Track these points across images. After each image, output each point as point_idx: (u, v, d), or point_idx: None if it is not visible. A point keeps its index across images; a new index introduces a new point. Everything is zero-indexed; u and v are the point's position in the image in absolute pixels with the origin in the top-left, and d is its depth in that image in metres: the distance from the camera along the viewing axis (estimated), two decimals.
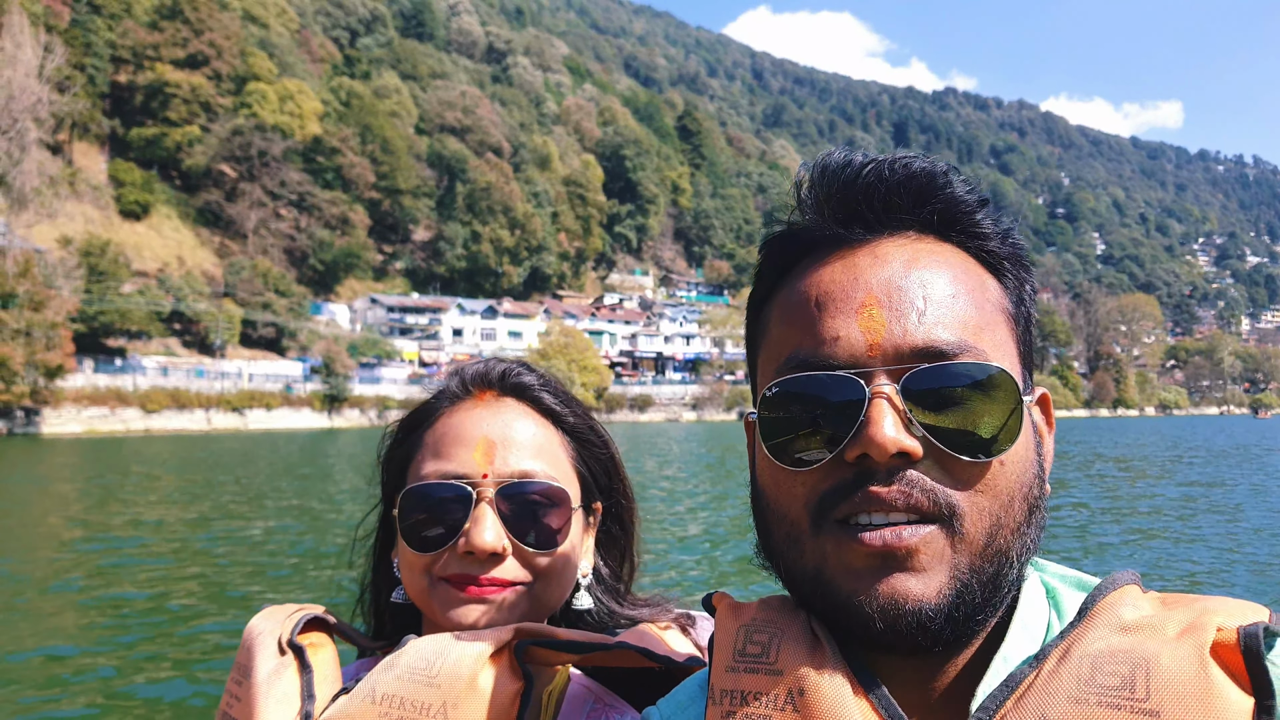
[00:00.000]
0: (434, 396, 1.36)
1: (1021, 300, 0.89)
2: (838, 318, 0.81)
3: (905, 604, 0.76)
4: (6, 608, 10.07)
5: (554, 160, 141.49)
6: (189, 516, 17.87)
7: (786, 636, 0.84)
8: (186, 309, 79.36)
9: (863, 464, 0.78)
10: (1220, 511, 19.04)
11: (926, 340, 0.79)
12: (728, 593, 0.94)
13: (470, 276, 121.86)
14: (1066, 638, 0.76)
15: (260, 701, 1.14)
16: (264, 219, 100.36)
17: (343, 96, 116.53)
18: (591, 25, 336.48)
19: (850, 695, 0.77)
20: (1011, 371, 0.81)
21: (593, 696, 1.19)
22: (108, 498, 21.36)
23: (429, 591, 1.23)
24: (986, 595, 0.79)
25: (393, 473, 1.36)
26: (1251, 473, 29.54)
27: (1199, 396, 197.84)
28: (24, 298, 51.29)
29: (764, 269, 0.93)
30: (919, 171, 0.85)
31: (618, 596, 1.40)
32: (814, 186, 0.88)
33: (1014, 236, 0.89)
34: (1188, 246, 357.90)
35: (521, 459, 1.26)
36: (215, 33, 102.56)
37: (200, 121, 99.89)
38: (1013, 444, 0.79)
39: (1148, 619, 0.75)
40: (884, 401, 0.77)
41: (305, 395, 76.29)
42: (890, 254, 0.84)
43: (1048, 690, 0.72)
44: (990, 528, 0.78)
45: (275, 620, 1.25)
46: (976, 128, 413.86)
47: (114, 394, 60.34)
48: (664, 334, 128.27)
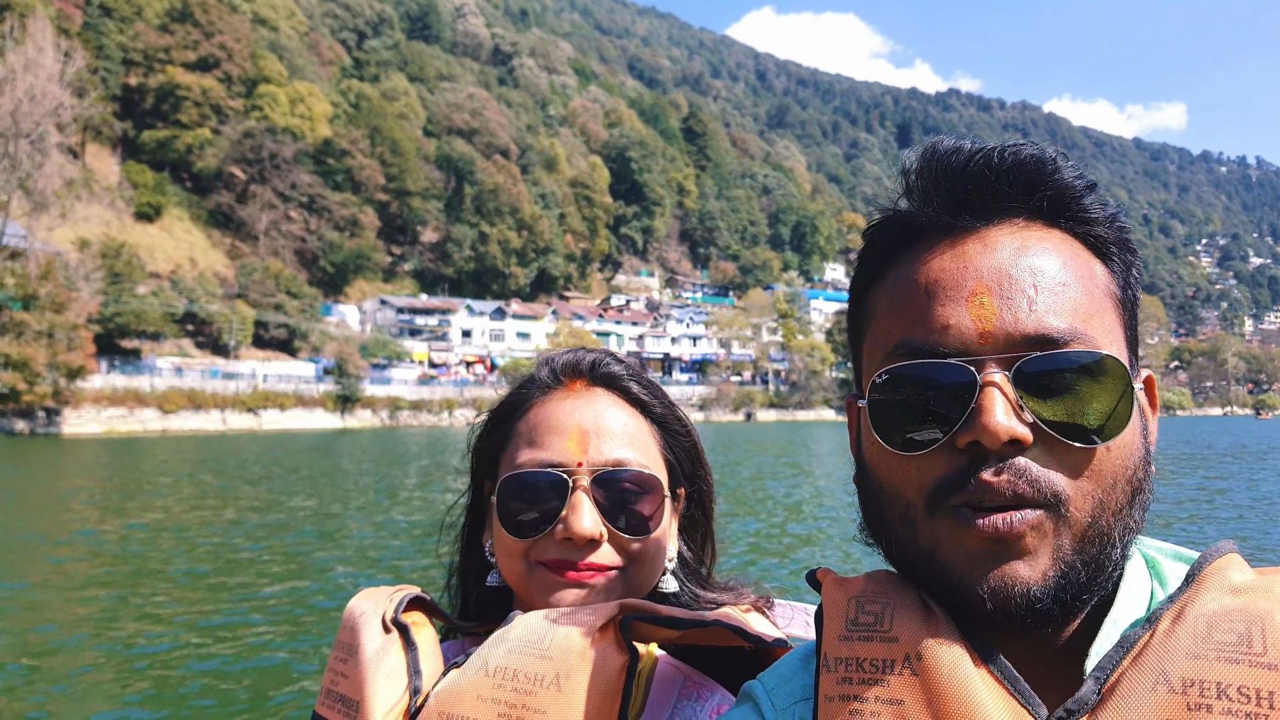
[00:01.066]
0: (523, 386, 1.39)
1: (1128, 284, 0.90)
2: (948, 305, 0.82)
3: (1015, 587, 0.78)
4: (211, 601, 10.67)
5: (561, 162, 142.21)
6: (312, 508, 18.51)
7: (900, 606, 0.85)
8: (199, 310, 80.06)
9: (974, 450, 0.79)
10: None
11: (1037, 328, 0.80)
12: (830, 569, 0.96)
13: (478, 278, 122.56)
14: (1177, 600, 0.78)
15: (369, 677, 1.17)
16: (275, 221, 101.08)
17: (352, 99, 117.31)
18: (595, 26, 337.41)
19: (969, 661, 0.79)
20: (1120, 357, 0.82)
21: (682, 675, 1.22)
22: (231, 493, 22.09)
23: (526, 576, 1.27)
24: (1090, 575, 0.80)
25: (483, 461, 1.40)
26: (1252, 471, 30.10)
27: (1203, 398, 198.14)
28: (46, 299, 51.93)
29: (867, 256, 0.94)
30: (1027, 159, 0.86)
31: (701, 579, 1.43)
32: (922, 174, 0.89)
33: (1120, 220, 0.90)
34: (1191, 248, 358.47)
35: (614, 447, 1.30)
36: (226, 35, 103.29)
37: (211, 124, 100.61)
38: (1122, 431, 0.80)
39: (1256, 583, 0.77)
40: (995, 389, 0.78)
41: (318, 396, 76.96)
42: (1000, 241, 0.84)
43: (1165, 648, 0.73)
44: (1094, 511, 0.80)
45: (376, 600, 1.28)
46: (979, 129, 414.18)
47: (132, 395, 61.01)
48: (671, 335, 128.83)
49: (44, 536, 15.40)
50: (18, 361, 49.84)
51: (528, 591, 1.27)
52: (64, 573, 12.33)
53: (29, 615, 9.98)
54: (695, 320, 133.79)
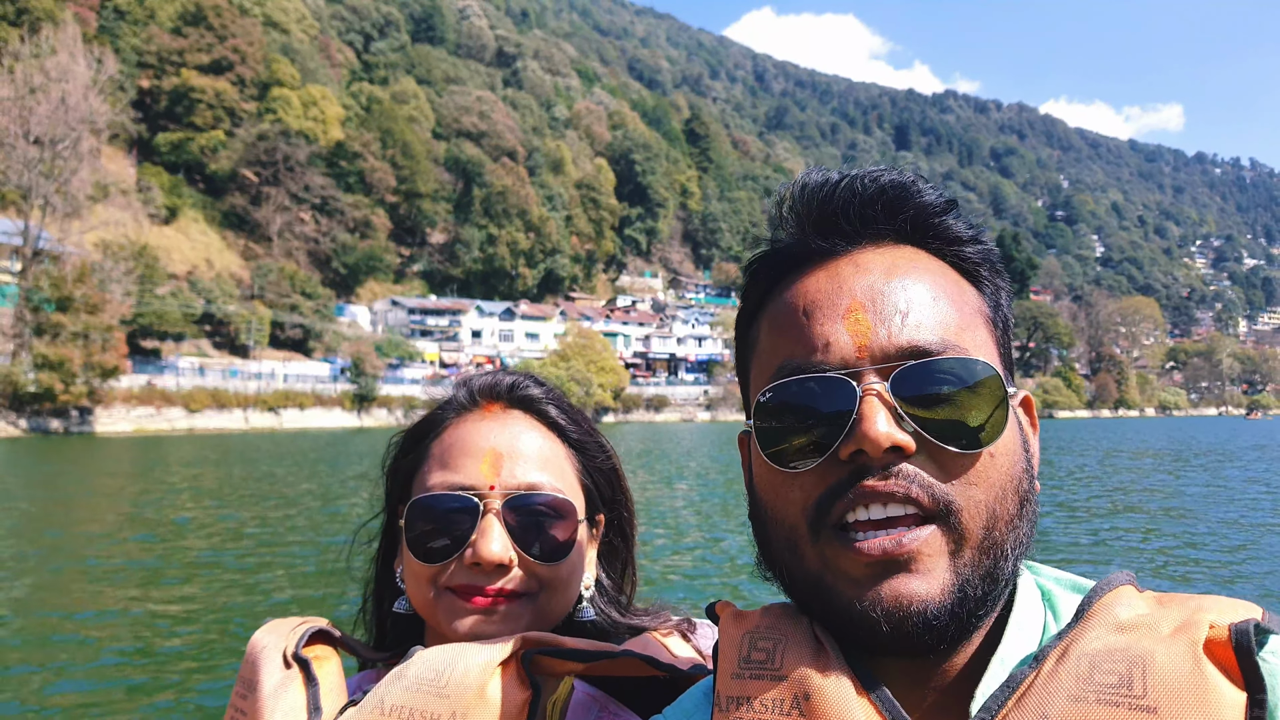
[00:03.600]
0: (440, 407, 1.37)
1: (999, 305, 0.93)
2: (825, 324, 0.85)
3: (911, 605, 0.78)
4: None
5: (567, 164, 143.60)
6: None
7: (790, 642, 0.85)
8: (217, 310, 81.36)
9: (857, 461, 0.80)
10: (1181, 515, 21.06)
11: (911, 340, 0.82)
12: (731, 601, 0.96)
13: (486, 278, 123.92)
14: (1065, 638, 0.78)
15: (266, 715, 1.14)
16: (288, 222, 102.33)
17: (363, 101, 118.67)
18: (595, 27, 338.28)
19: (854, 697, 0.78)
20: (991, 365, 0.84)
21: (598, 705, 1.20)
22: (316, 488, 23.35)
23: (434, 602, 1.24)
24: (985, 589, 0.81)
25: (398, 482, 1.37)
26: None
27: (1198, 397, 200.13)
28: (80, 301, 53.22)
29: (749, 287, 0.97)
30: (889, 184, 0.89)
31: (620, 607, 1.41)
32: (794, 204, 0.93)
33: (984, 240, 0.92)
34: (1185, 249, 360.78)
35: (528, 471, 1.27)
36: (239, 39, 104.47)
37: (225, 126, 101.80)
38: (1000, 435, 0.82)
39: (1143, 618, 0.77)
40: (875, 399, 0.80)
41: (336, 395, 78.30)
42: (871, 262, 0.88)
43: (1048, 689, 0.73)
44: (987, 521, 0.81)
45: (279, 634, 1.25)
46: (977, 130, 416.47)
47: (159, 394, 62.26)
48: (677, 336, 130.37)
49: (153, 532, 16.77)
50: (55, 362, 51.13)
51: (435, 618, 1.24)
52: (195, 563, 13.70)
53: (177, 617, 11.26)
54: (701, 321, 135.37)
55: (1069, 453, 42.82)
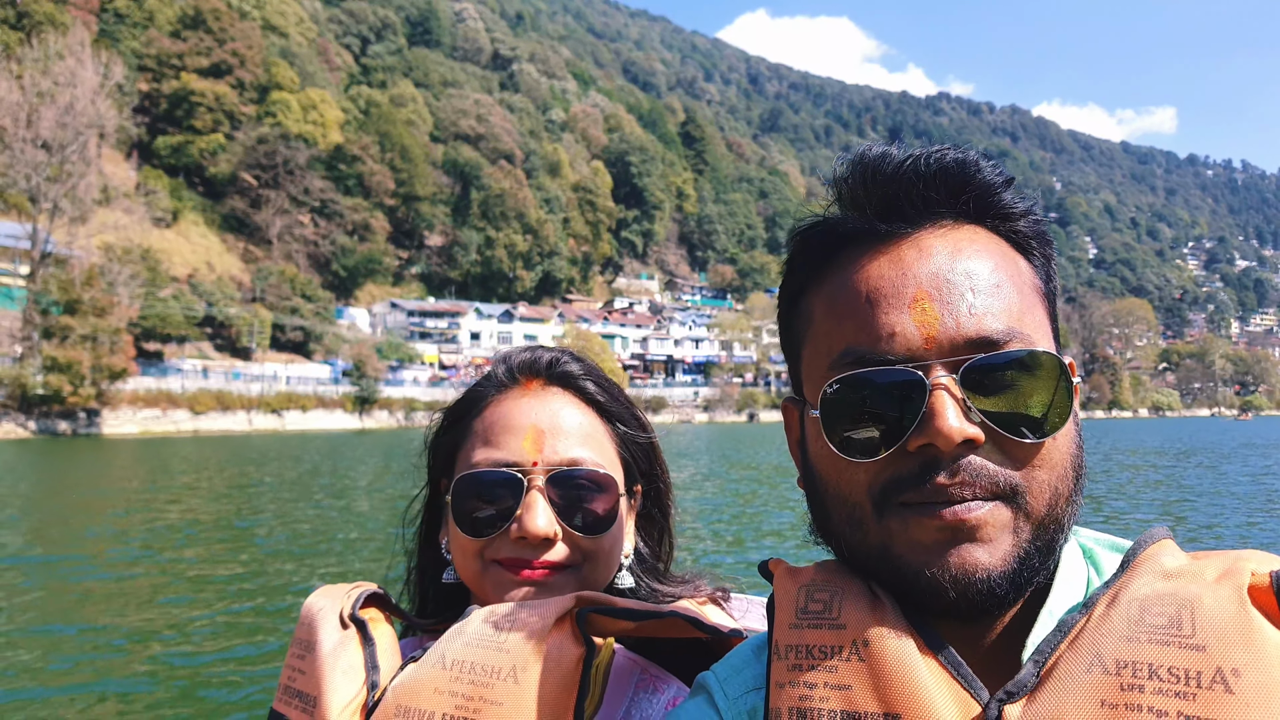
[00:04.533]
0: (480, 384, 1.40)
1: (1050, 276, 0.95)
2: (891, 313, 0.85)
3: (975, 574, 0.80)
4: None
5: (564, 167, 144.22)
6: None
7: (848, 594, 0.87)
8: (218, 313, 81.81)
9: (926, 453, 0.82)
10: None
11: (978, 330, 0.83)
12: (783, 559, 0.98)
13: (483, 281, 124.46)
14: (1113, 586, 0.82)
15: (326, 673, 1.17)
16: (288, 225, 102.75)
17: (362, 105, 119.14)
18: (589, 29, 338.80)
19: (914, 647, 0.81)
20: (1054, 351, 0.87)
21: (639, 668, 1.24)
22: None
23: (481, 574, 1.28)
24: (1043, 559, 0.84)
25: (440, 458, 1.41)
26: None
27: (1191, 399, 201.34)
28: (88, 304, 53.68)
29: (798, 260, 0.96)
30: (952, 163, 0.89)
31: (658, 575, 1.44)
32: (852, 181, 0.91)
33: (1036, 213, 0.93)
34: (1178, 251, 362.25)
35: (570, 446, 1.30)
36: (238, 42, 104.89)
37: (224, 129, 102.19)
38: (1065, 421, 0.84)
39: (1187, 567, 0.81)
40: (944, 393, 0.81)
41: (338, 397, 78.80)
42: (934, 246, 0.87)
43: (1100, 631, 0.77)
44: (1050, 500, 0.83)
45: (334, 597, 1.29)
46: (970, 133, 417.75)
47: (165, 396, 62.74)
48: (674, 338, 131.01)
49: (204, 529, 17.36)
50: (64, 364, 51.59)
51: (483, 590, 1.28)
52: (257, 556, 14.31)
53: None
54: (698, 323, 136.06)
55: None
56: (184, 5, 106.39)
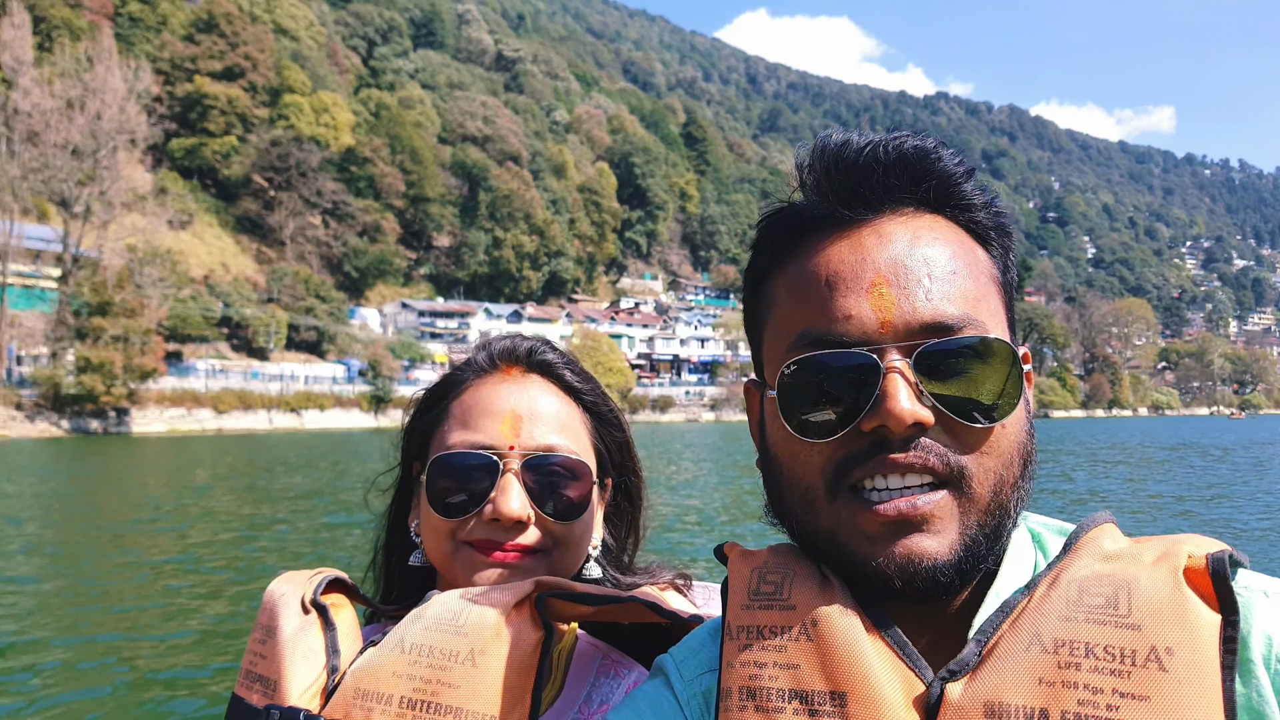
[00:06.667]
0: (460, 368, 1.41)
1: (1008, 267, 0.96)
2: (849, 296, 0.87)
3: (921, 562, 0.83)
4: None
5: (569, 168, 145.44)
6: None
7: (798, 576, 0.90)
8: (235, 314, 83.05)
9: (878, 434, 0.84)
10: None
11: (934, 316, 0.85)
12: (737, 543, 1.00)
13: (491, 281, 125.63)
14: (1054, 568, 0.84)
15: (287, 657, 1.17)
16: (300, 227, 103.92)
17: (372, 107, 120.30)
18: (588, 30, 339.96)
19: (860, 627, 0.84)
20: (1007, 339, 0.88)
21: (600, 653, 1.27)
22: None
23: (452, 555, 1.29)
24: (990, 545, 0.87)
25: (415, 441, 1.42)
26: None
27: (1190, 397, 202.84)
28: (119, 306, 54.95)
29: (763, 245, 0.98)
30: (912, 150, 0.90)
31: (622, 566, 1.47)
32: (814, 169, 0.93)
33: (997, 205, 0.95)
34: (1176, 250, 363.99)
35: (546, 433, 1.32)
36: (250, 46, 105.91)
37: (237, 132, 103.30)
38: (1014, 408, 0.87)
39: (1127, 549, 0.84)
40: (898, 375, 0.83)
41: (354, 396, 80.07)
42: (894, 233, 0.89)
43: (1040, 611, 0.80)
44: (995, 486, 0.86)
45: (296, 583, 1.29)
46: (968, 132, 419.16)
47: (190, 395, 63.93)
48: (680, 337, 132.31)
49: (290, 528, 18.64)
50: (96, 365, 52.84)
51: (452, 571, 1.29)
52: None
53: None
54: (703, 323, 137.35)
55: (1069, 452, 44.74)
56: (196, 9, 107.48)
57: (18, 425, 52.21)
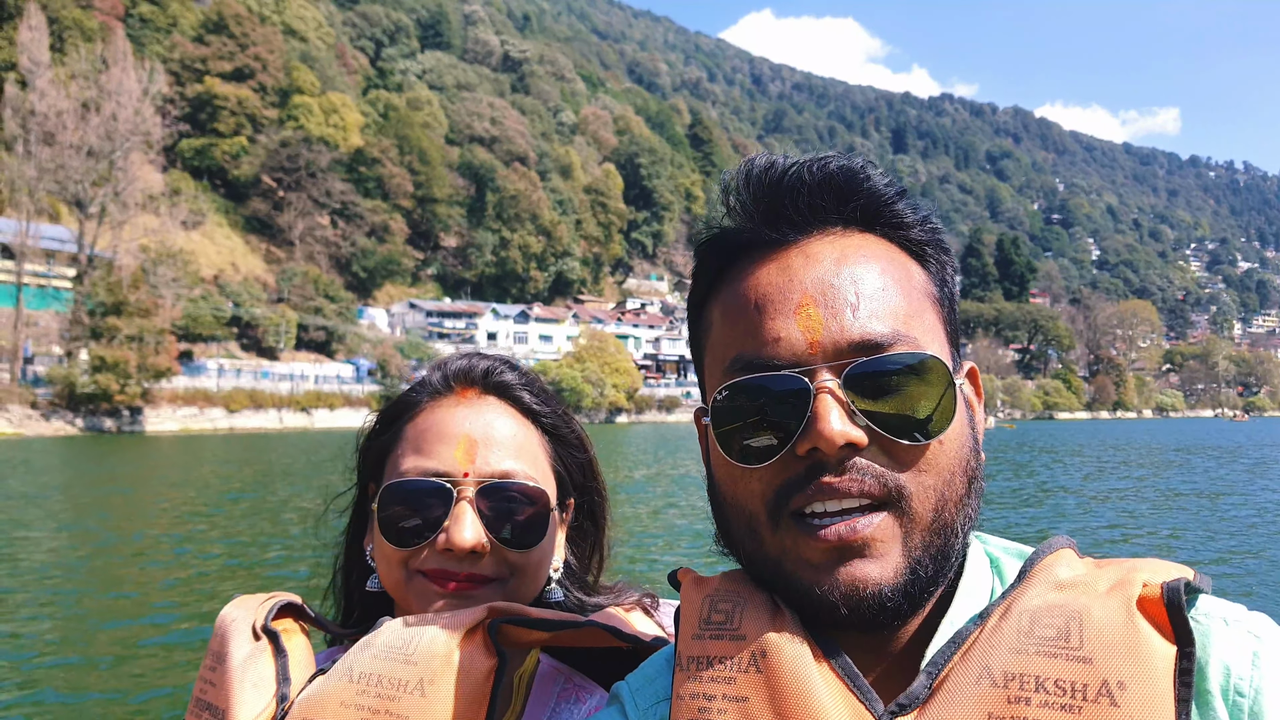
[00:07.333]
0: (414, 389, 1.36)
1: (944, 282, 0.94)
2: (777, 319, 0.85)
3: (865, 588, 0.81)
4: None
5: (576, 169, 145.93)
6: None
7: (749, 605, 0.88)
8: (245, 313, 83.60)
9: (813, 456, 0.82)
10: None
11: (862, 334, 0.84)
12: (691, 569, 0.98)
13: (498, 281, 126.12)
14: (1008, 597, 0.82)
15: (235, 685, 1.15)
16: (309, 227, 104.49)
17: (380, 108, 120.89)
18: (593, 30, 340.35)
19: (810, 658, 0.82)
20: (941, 355, 0.87)
21: (563, 677, 1.24)
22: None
23: (405, 584, 1.25)
24: (937, 567, 0.84)
25: (370, 462, 1.37)
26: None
27: (1194, 399, 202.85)
28: (134, 306, 55.47)
29: (700, 271, 0.98)
30: (837, 171, 0.90)
31: (586, 587, 1.43)
32: (740, 192, 0.92)
33: (932, 222, 0.94)
34: (1180, 252, 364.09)
35: (502, 458, 1.28)
36: (259, 46, 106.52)
37: (247, 133, 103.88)
38: (949, 424, 0.84)
39: (1081, 577, 0.81)
40: (828, 395, 0.81)
41: (363, 396, 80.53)
42: (821, 253, 0.88)
43: (991, 643, 0.78)
44: (936, 504, 0.84)
45: (248, 608, 1.26)
46: (973, 133, 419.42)
47: (202, 395, 64.40)
48: (685, 338, 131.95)
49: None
50: (111, 364, 53.36)
51: (406, 600, 1.25)
52: None
53: None
54: None
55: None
56: (206, 10, 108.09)
57: (33, 423, 52.70)
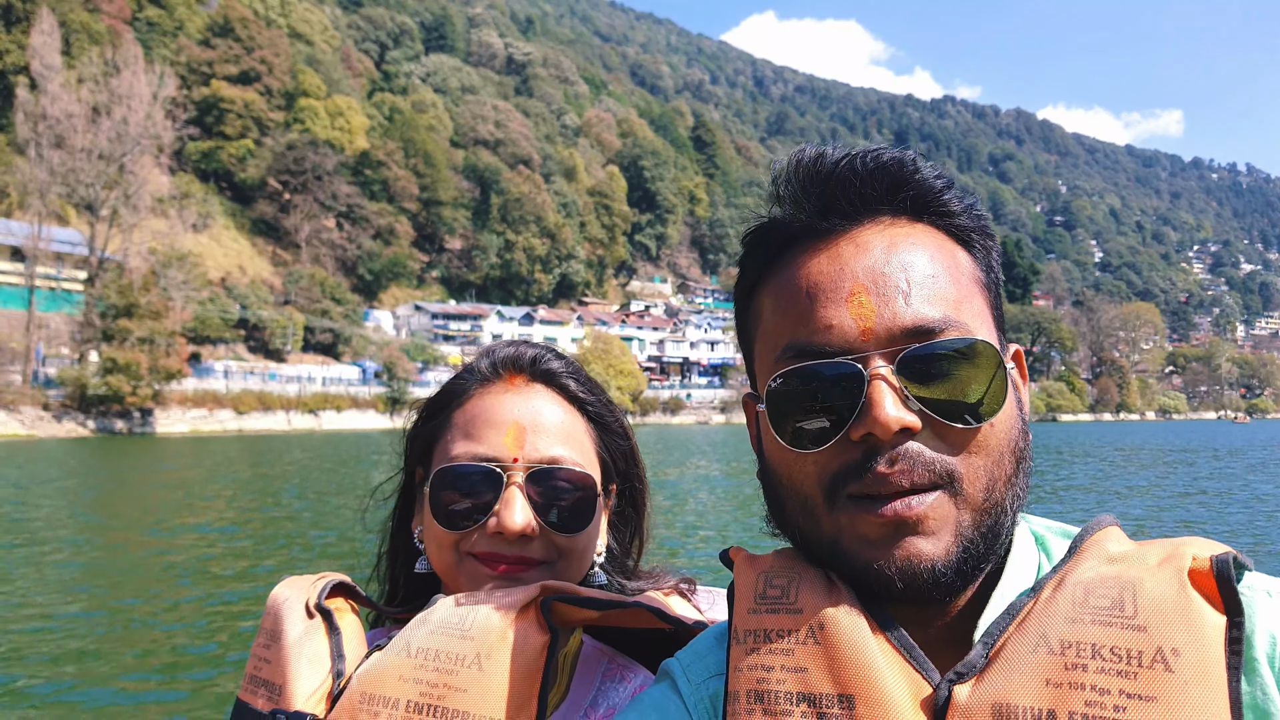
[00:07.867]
0: (462, 376, 1.40)
1: (990, 268, 0.96)
2: (829, 307, 0.88)
3: (921, 564, 0.84)
4: None
5: (580, 172, 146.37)
6: None
7: (804, 580, 0.90)
8: (252, 315, 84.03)
9: (868, 441, 0.85)
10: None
11: (914, 320, 0.86)
12: (743, 547, 1.00)
13: (503, 284, 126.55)
14: (1060, 570, 0.85)
15: (292, 662, 1.18)
16: (315, 230, 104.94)
17: (385, 111, 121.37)
18: (595, 32, 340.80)
19: (867, 629, 0.84)
20: (991, 339, 0.89)
21: (606, 657, 1.27)
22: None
23: (456, 566, 1.28)
24: (988, 545, 0.87)
25: (418, 448, 1.41)
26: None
27: (1197, 401, 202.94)
28: (145, 308, 55.91)
29: (748, 262, 1.00)
30: (889, 162, 0.92)
31: (626, 571, 1.46)
32: (791, 182, 0.94)
33: (977, 209, 0.96)
34: (1183, 254, 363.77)
35: (550, 444, 1.31)
36: (265, 50, 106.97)
37: (253, 136, 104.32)
38: (1000, 407, 0.87)
39: (1131, 552, 0.84)
40: (881, 382, 0.84)
41: (370, 398, 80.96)
42: (871, 241, 0.90)
43: (1046, 613, 0.80)
44: (987, 485, 0.86)
45: (300, 588, 1.30)
46: (975, 136, 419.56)
47: (211, 396, 64.86)
48: (689, 340, 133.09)
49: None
50: (123, 366, 53.78)
51: (456, 582, 1.29)
52: None
53: None
54: (713, 326, 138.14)
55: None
56: (213, 14, 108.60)
57: (45, 425, 53.14)
